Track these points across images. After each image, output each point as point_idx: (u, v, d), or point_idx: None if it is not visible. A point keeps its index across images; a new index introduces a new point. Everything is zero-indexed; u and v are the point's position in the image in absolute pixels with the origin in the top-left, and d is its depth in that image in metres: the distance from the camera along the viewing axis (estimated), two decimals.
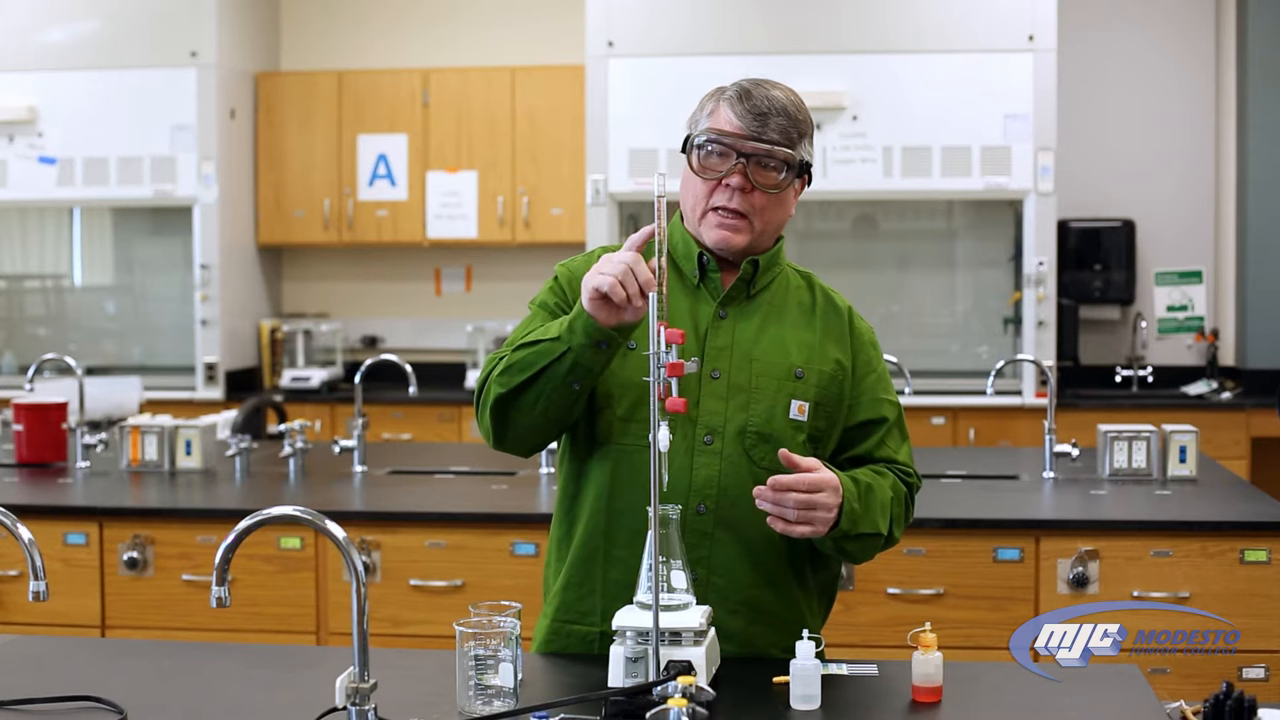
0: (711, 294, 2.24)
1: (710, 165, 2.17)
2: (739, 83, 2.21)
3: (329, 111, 6.80)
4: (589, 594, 2.21)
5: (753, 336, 2.21)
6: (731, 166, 2.15)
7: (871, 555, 2.24)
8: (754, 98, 2.16)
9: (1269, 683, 3.32)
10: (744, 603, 2.17)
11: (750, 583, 2.17)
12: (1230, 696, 1.86)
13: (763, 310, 2.24)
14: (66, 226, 7.16)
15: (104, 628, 3.71)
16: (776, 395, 2.19)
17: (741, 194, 2.16)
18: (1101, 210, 6.61)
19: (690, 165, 2.19)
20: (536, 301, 2.27)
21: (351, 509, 3.80)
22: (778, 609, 2.21)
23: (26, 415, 4.33)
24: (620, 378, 2.19)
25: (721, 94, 2.20)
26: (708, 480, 2.16)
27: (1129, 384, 6.47)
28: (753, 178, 2.15)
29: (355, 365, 4.93)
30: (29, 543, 1.95)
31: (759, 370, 2.19)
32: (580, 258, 2.30)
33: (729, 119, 2.16)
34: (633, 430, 2.18)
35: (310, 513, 1.83)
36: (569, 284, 2.25)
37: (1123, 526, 3.48)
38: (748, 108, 2.15)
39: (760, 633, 2.19)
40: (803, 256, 6.42)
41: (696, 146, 2.18)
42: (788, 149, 2.15)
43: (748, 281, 2.24)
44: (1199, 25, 6.66)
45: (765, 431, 2.17)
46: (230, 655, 2.37)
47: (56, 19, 6.57)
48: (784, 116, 2.15)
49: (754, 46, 6.07)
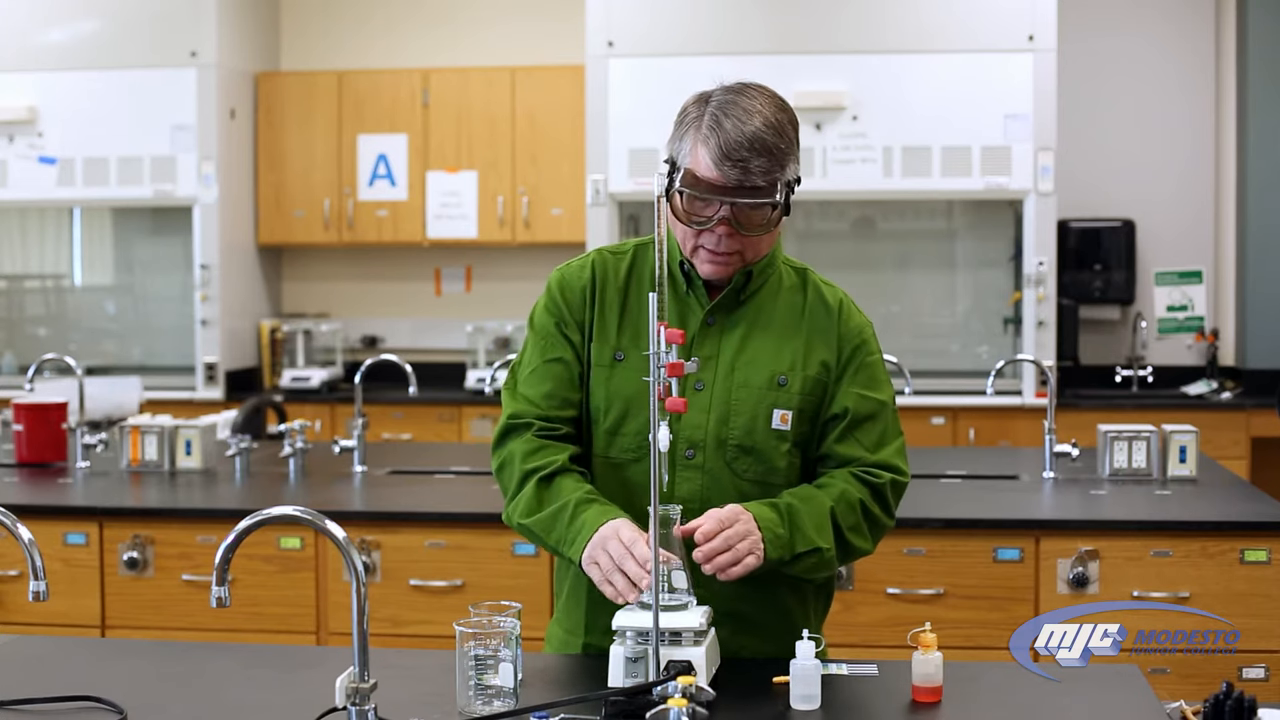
0: (700, 301, 2.21)
1: (695, 211, 2.11)
2: (714, 109, 2.08)
3: (329, 111, 6.80)
4: (587, 603, 2.22)
5: (738, 345, 2.19)
6: (717, 216, 2.09)
7: (825, 573, 2.20)
8: (730, 137, 2.04)
9: (1269, 683, 3.32)
10: (729, 614, 2.14)
11: (735, 594, 2.13)
12: (1230, 696, 1.86)
13: (750, 316, 2.21)
14: (66, 226, 7.16)
15: (104, 628, 3.71)
16: (758, 406, 2.16)
17: (729, 237, 2.12)
18: (1101, 210, 6.61)
19: (673, 208, 2.12)
20: (536, 322, 2.26)
21: (351, 509, 3.80)
22: (764, 618, 2.19)
23: (26, 415, 4.33)
24: (608, 391, 2.19)
25: (698, 128, 2.09)
26: (690, 495, 2.15)
27: (1129, 384, 6.47)
28: (739, 221, 2.10)
29: (355, 365, 4.93)
30: (29, 543, 1.95)
31: (740, 381, 2.17)
32: (575, 262, 2.29)
33: (708, 165, 2.06)
34: (618, 443, 2.18)
35: (310, 513, 1.83)
36: (563, 293, 2.24)
37: (1123, 526, 3.47)
38: (726, 153, 2.04)
39: (748, 642, 2.18)
40: (802, 257, 6.36)
41: (678, 191, 2.10)
42: (771, 192, 2.08)
43: (737, 290, 2.21)
44: (1199, 25, 6.65)
45: (746, 444, 2.16)
46: (230, 655, 2.37)
47: (56, 19, 6.57)
48: (765, 156, 2.05)
49: (754, 46, 6.06)
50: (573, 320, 2.23)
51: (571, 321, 2.23)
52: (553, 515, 2.12)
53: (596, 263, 2.26)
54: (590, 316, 2.22)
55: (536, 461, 2.16)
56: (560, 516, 2.11)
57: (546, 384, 2.21)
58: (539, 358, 2.23)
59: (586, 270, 2.25)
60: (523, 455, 2.17)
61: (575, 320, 2.23)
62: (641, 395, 2.10)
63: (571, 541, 2.08)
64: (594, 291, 2.23)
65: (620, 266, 2.25)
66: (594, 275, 2.24)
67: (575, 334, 2.23)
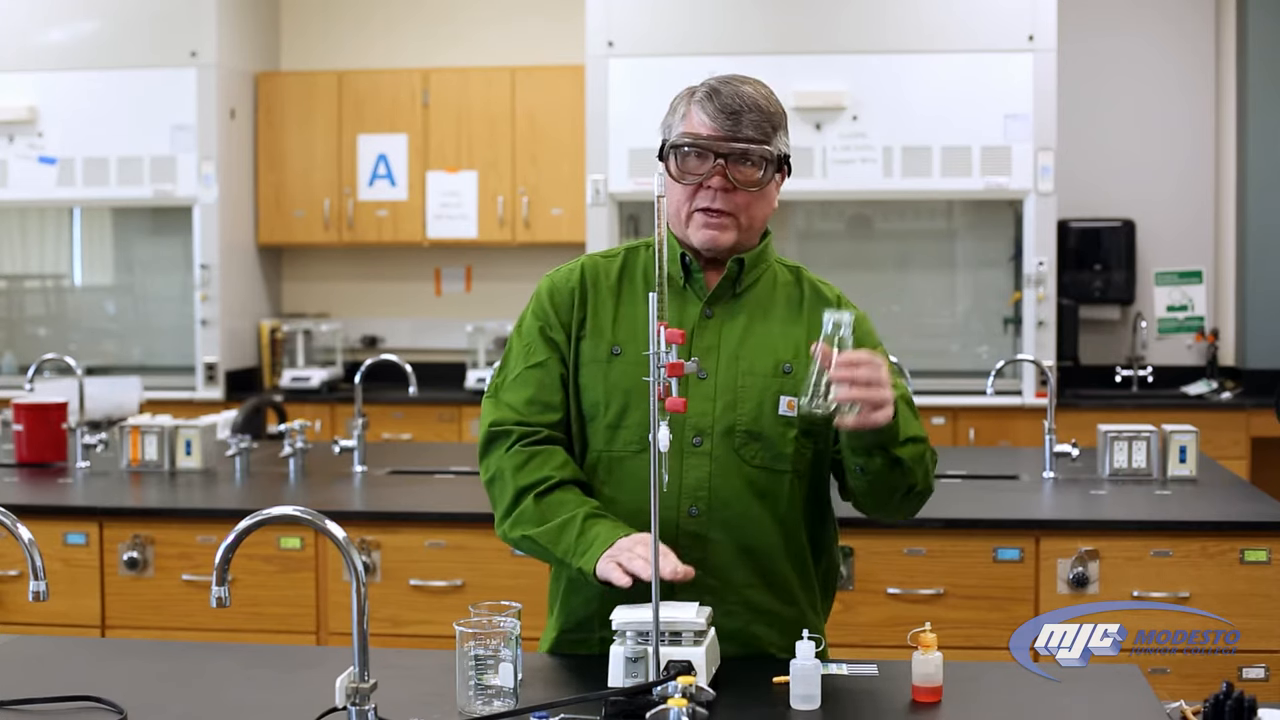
0: (697, 294, 2.23)
1: (689, 169, 2.16)
2: (707, 82, 2.19)
3: (329, 111, 6.80)
4: (590, 600, 2.21)
5: (739, 335, 2.21)
6: (711, 168, 2.15)
7: (923, 470, 2.15)
8: (724, 96, 2.14)
9: (1269, 683, 3.32)
10: (741, 603, 2.17)
11: (746, 583, 2.17)
12: (1230, 696, 1.86)
13: (749, 308, 2.23)
14: (66, 226, 7.16)
15: (104, 628, 3.71)
16: (764, 393, 2.18)
17: (724, 194, 2.16)
18: (1101, 210, 6.61)
19: (669, 171, 2.18)
20: (523, 326, 2.27)
21: (351, 509, 3.80)
22: (776, 607, 2.20)
23: (26, 415, 4.33)
24: (606, 385, 2.20)
25: (691, 95, 2.20)
26: (698, 482, 2.16)
27: (1129, 384, 6.47)
28: (733, 177, 2.15)
29: (355, 365, 4.93)
30: (29, 543, 1.95)
31: (745, 368, 2.18)
32: (564, 267, 2.30)
33: (702, 120, 2.15)
34: (621, 436, 2.19)
35: (310, 513, 1.83)
36: (551, 298, 2.25)
37: (1123, 526, 3.47)
38: (719, 107, 2.14)
39: (761, 632, 2.19)
40: (802, 256, 6.42)
41: (673, 149, 2.17)
42: (765, 145, 2.15)
43: (733, 280, 2.23)
44: (1199, 25, 6.65)
45: (754, 430, 2.17)
46: (230, 655, 2.37)
47: (56, 19, 6.57)
48: (757, 112, 2.14)
49: (754, 46, 6.06)
50: (559, 323, 2.24)
51: (558, 324, 2.24)
52: (559, 528, 2.12)
53: (586, 265, 2.28)
54: (581, 316, 2.24)
55: (530, 477, 2.17)
56: (568, 529, 2.11)
57: (529, 389, 2.22)
58: (522, 363, 2.24)
59: (576, 273, 2.27)
60: (513, 470, 2.18)
61: (562, 323, 2.24)
62: (642, 388, 2.10)
63: (583, 553, 2.08)
64: (584, 292, 2.25)
65: (611, 268, 2.27)
66: (584, 277, 2.26)
67: (560, 335, 2.24)
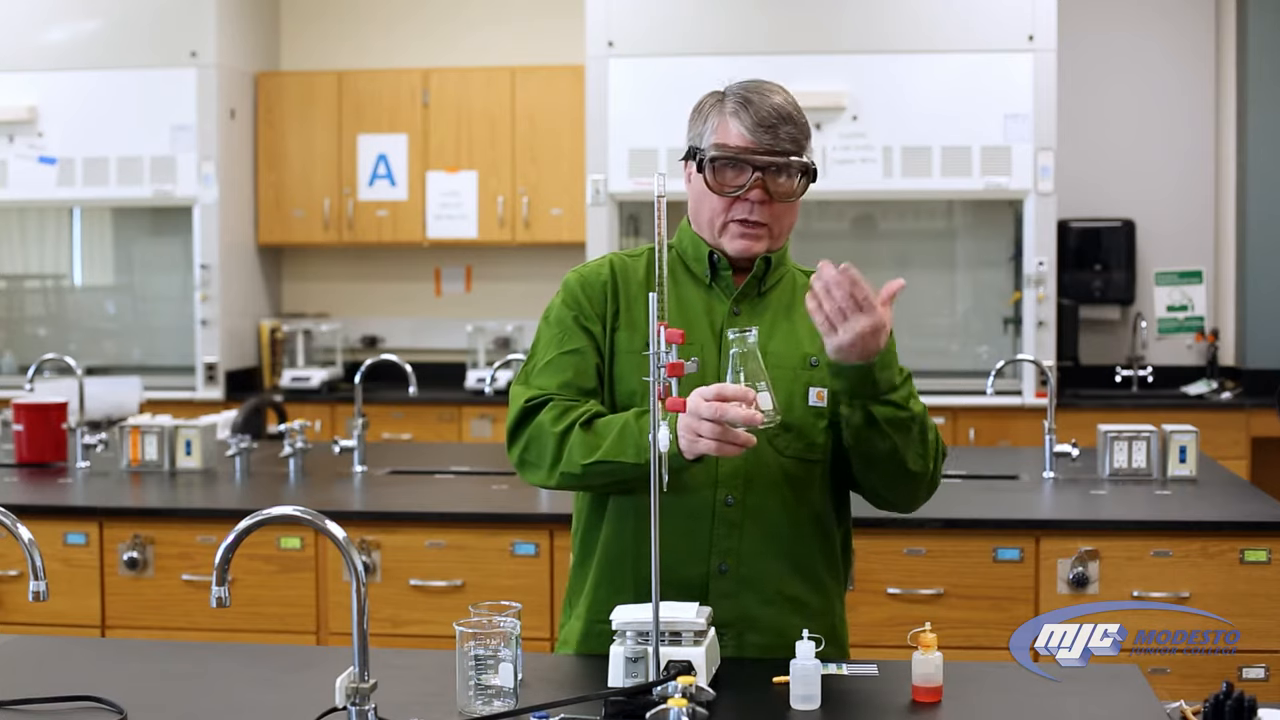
0: (724, 292, 2.27)
1: (727, 181, 2.19)
2: (737, 91, 2.21)
3: (329, 111, 6.80)
4: (620, 590, 2.21)
5: (766, 330, 2.23)
6: (750, 181, 2.17)
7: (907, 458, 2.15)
8: (758, 107, 2.17)
9: (1269, 683, 3.32)
10: (778, 592, 2.20)
11: (780, 572, 2.20)
12: (1230, 696, 1.86)
13: (773, 306, 2.28)
14: (66, 226, 7.16)
15: (104, 628, 3.71)
16: (794, 384, 2.21)
17: (760, 205, 2.18)
18: (1101, 210, 6.61)
19: (705, 181, 2.20)
20: (553, 316, 2.28)
21: (351, 509, 3.80)
22: (808, 598, 2.24)
23: (26, 415, 4.33)
24: (641, 375, 2.19)
25: (722, 104, 2.21)
26: (734, 471, 2.18)
27: (1129, 384, 6.47)
28: (771, 189, 2.18)
29: (355, 365, 4.93)
30: (29, 543, 1.95)
31: (773, 362, 2.20)
32: (592, 262, 2.33)
33: (739, 133, 2.17)
34: None
35: (310, 513, 1.83)
36: (583, 289, 2.27)
37: (1123, 526, 3.47)
38: (757, 120, 2.16)
39: (795, 623, 2.17)
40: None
41: (710, 161, 2.19)
42: (800, 157, 2.18)
43: (759, 279, 2.27)
44: (1199, 25, 6.65)
45: (787, 421, 2.18)
46: (230, 655, 2.37)
47: (56, 19, 6.57)
48: (791, 124, 2.17)
49: (754, 46, 6.06)
50: (594, 313, 2.25)
51: (593, 315, 2.25)
52: (619, 436, 2.10)
53: (615, 261, 2.31)
54: (615, 308, 2.25)
55: (570, 418, 2.15)
56: (627, 431, 2.09)
57: (565, 374, 2.22)
58: (555, 349, 2.25)
59: (605, 268, 2.29)
60: (552, 420, 2.16)
61: (596, 313, 2.25)
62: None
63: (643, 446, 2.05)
64: (615, 285, 2.27)
65: (638, 265, 2.30)
66: (614, 272, 2.29)
67: (595, 326, 2.25)
